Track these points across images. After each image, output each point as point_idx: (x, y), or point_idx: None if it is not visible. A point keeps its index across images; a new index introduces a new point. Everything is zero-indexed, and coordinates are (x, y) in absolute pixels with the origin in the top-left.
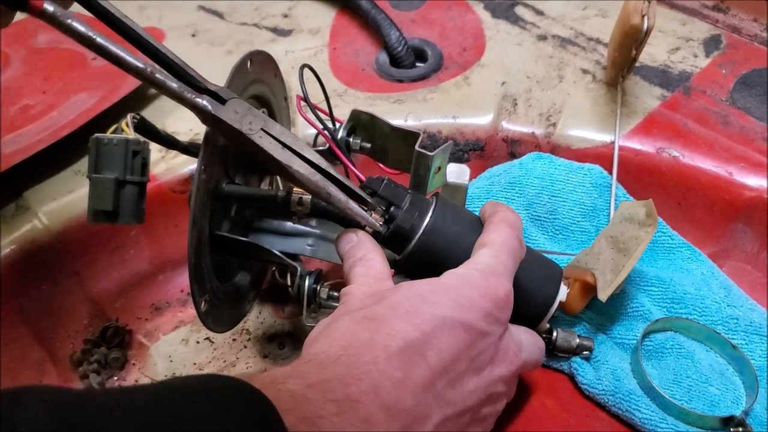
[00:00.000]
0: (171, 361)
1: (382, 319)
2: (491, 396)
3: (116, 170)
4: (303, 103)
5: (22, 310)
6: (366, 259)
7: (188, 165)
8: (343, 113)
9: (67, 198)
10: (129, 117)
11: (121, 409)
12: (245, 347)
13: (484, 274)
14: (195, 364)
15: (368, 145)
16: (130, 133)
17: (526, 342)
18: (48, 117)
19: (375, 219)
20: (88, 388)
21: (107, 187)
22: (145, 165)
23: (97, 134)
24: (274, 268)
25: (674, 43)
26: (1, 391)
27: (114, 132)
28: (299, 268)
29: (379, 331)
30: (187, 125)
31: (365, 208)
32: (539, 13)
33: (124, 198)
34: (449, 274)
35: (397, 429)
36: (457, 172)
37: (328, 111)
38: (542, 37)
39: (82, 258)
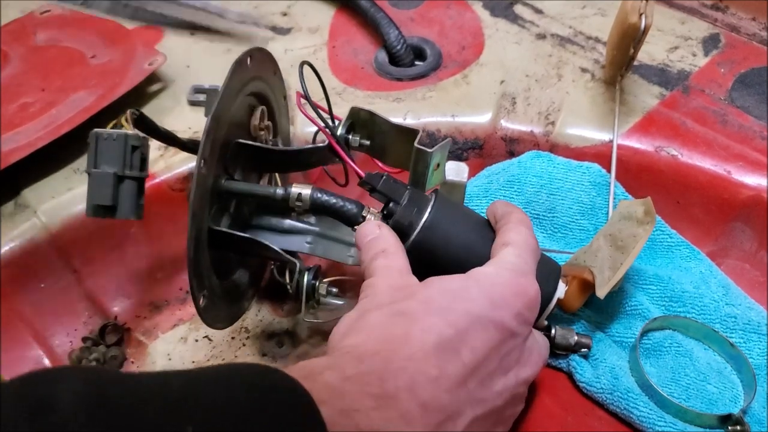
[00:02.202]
0: (170, 359)
1: (415, 314)
2: (515, 397)
3: (115, 165)
4: (303, 101)
5: (20, 308)
6: (388, 252)
7: (187, 163)
8: (342, 111)
9: (65, 196)
10: (129, 112)
11: (158, 391)
12: (244, 345)
13: (514, 273)
14: (194, 362)
15: (367, 143)
16: (130, 129)
17: (543, 344)
18: (47, 115)
19: (373, 215)
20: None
21: (106, 182)
22: (144, 160)
23: (96, 129)
24: (272, 267)
25: (673, 42)
26: (40, 370)
27: (113, 127)
28: (298, 264)
29: (414, 326)
30: (185, 123)
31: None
32: (538, 11)
33: (122, 193)
34: (478, 272)
35: (431, 427)
36: (455, 170)
37: (327, 108)
38: (541, 36)
39: (80, 256)
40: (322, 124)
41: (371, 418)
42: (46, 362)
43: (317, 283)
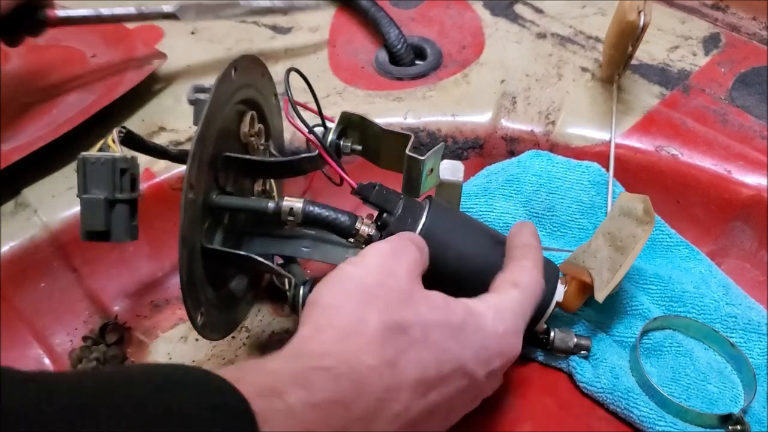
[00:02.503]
0: (170, 358)
1: (409, 337)
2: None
3: (105, 190)
4: (291, 110)
5: (20, 307)
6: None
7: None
8: (343, 110)
9: (66, 195)
10: (115, 131)
11: (67, 389)
12: (244, 345)
13: (507, 330)
14: (194, 361)
15: (359, 147)
16: (117, 150)
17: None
18: (47, 114)
19: (367, 226)
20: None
21: (97, 208)
22: (134, 181)
23: (83, 153)
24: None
25: (673, 42)
26: None
27: (101, 148)
28: (293, 280)
29: (405, 354)
30: (186, 122)
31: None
32: (538, 11)
33: (115, 217)
34: (478, 314)
35: None
36: (451, 169)
37: (318, 112)
38: (541, 36)
39: (80, 255)
40: (312, 137)
41: None
42: (47, 361)
43: None
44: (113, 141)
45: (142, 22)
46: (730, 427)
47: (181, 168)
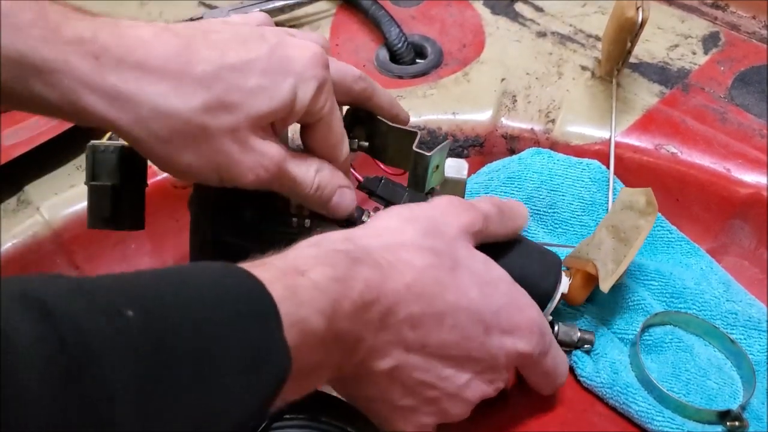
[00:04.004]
0: None
1: (439, 260)
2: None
3: (113, 177)
4: None
5: None
6: None
7: None
8: (342, 109)
9: (68, 193)
10: None
11: (102, 284)
12: None
13: (538, 319)
14: None
15: (366, 144)
16: None
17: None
18: None
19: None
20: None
21: (105, 195)
22: (142, 170)
23: (93, 141)
24: None
25: (673, 40)
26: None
27: (110, 137)
28: None
29: (432, 269)
30: None
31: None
32: (539, 9)
33: (122, 205)
34: (520, 290)
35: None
36: (455, 167)
37: None
38: (542, 34)
39: (83, 253)
40: None
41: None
42: None
43: None
44: None
45: None
46: (728, 423)
47: None
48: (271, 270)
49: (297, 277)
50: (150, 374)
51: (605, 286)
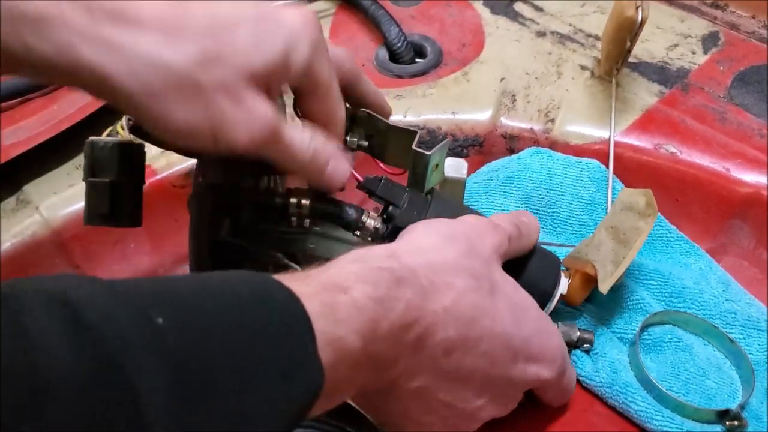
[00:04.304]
0: None
1: (478, 283)
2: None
3: (111, 173)
4: None
5: None
6: None
7: (188, 160)
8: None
9: (67, 192)
10: (124, 119)
11: (130, 289)
12: None
13: (560, 349)
14: None
15: (365, 143)
16: (125, 136)
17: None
18: (48, 110)
19: (373, 219)
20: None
21: (103, 191)
22: (140, 167)
23: (91, 137)
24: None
25: (672, 40)
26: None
27: (109, 134)
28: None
29: (469, 293)
30: None
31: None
32: (538, 9)
33: (120, 201)
34: (548, 319)
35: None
36: (455, 167)
37: None
38: (541, 34)
39: (82, 252)
40: None
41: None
42: None
43: None
44: (122, 128)
45: None
46: (727, 423)
47: (183, 165)
48: (311, 284)
49: (337, 293)
50: (181, 381)
51: (604, 287)
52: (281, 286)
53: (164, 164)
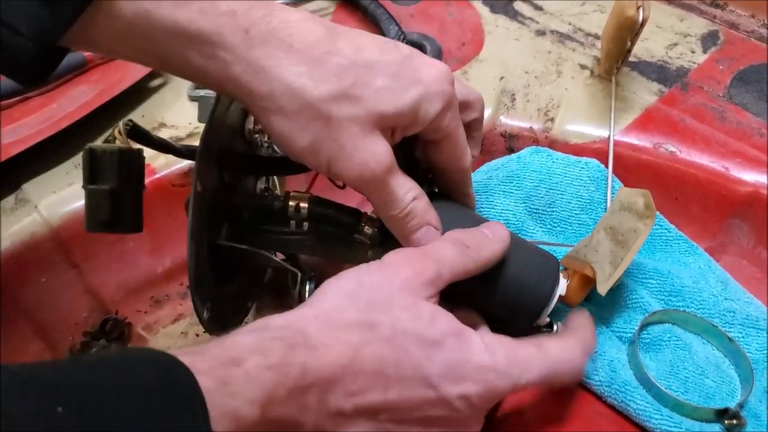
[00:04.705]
0: None
1: (376, 333)
2: None
3: (111, 180)
4: None
5: (21, 302)
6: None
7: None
8: None
9: (66, 191)
10: (121, 124)
11: (30, 377)
12: None
13: (492, 367)
14: None
15: None
16: (123, 141)
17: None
18: (47, 109)
19: (372, 221)
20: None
21: (103, 198)
22: (140, 173)
23: (90, 144)
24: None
25: (672, 39)
26: None
27: (107, 140)
28: (299, 275)
29: (367, 345)
30: (186, 119)
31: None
32: (538, 8)
33: (120, 208)
34: (472, 339)
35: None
36: None
37: None
38: (541, 33)
39: (81, 251)
40: None
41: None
42: (48, 356)
43: None
44: (119, 133)
45: None
46: (726, 422)
47: (182, 165)
48: (207, 360)
49: (231, 367)
50: None
51: (602, 289)
52: (179, 364)
53: (163, 163)
